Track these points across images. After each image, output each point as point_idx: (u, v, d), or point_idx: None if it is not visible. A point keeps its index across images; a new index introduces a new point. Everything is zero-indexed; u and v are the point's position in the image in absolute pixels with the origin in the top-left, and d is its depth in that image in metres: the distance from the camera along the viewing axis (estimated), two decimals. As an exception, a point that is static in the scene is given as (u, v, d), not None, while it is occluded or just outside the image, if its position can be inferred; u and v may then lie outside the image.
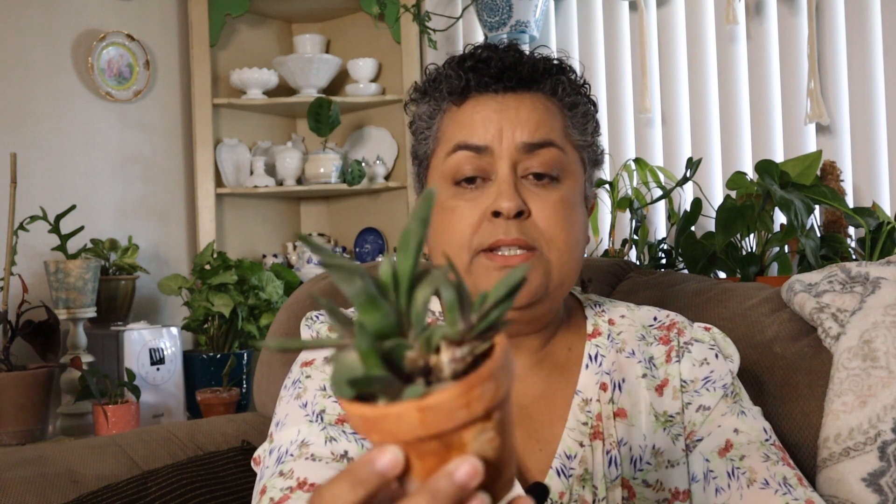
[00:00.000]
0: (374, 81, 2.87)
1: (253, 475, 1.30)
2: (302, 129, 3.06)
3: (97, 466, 1.31)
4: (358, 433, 0.43)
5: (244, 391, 2.41)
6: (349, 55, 2.91)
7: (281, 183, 2.83)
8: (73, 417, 2.22)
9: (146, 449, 1.38)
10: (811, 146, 2.07)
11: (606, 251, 2.18)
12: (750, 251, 1.83)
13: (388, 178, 2.88)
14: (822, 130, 2.06)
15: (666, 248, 2.11)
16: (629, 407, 0.91)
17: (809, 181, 1.75)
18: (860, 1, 2.00)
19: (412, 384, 0.42)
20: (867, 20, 1.99)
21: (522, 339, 0.91)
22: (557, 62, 0.93)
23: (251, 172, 2.81)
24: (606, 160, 1.10)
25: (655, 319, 0.98)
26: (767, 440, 0.89)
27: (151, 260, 2.66)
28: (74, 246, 2.36)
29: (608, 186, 2.13)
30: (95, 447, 1.37)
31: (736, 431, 0.89)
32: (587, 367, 0.92)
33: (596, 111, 0.96)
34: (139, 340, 2.28)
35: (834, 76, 2.04)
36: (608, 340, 0.94)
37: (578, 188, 0.91)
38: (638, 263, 2.05)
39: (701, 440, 0.90)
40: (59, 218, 2.20)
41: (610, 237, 2.19)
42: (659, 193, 2.09)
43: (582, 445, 0.88)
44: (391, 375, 0.42)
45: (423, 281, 0.44)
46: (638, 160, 2.12)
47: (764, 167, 1.72)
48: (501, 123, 0.87)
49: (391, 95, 2.83)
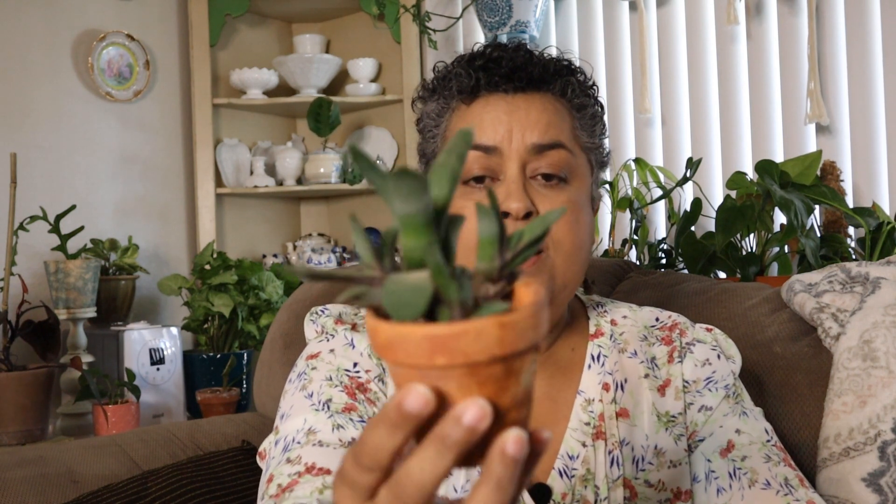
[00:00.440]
0: (374, 81, 2.87)
1: (253, 475, 1.30)
2: (302, 129, 3.06)
3: (97, 466, 1.31)
4: (403, 365, 0.40)
5: (244, 391, 2.41)
6: (349, 55, 2.91)
7: (281, 183, 2.83)
8: (73, 417, 2.22)
9: (146, 449, 1.38)
10: (811, 146, 2.07)
11: (606, 251, 2.18)
12: (750, 251, 1.83)
13: (388, 178, 2.88)
14: (822, 130, 2.06)
15: (666, 248, 2.11)
16: (631, 407, 0.91)
17: (809, 181, 1.75)
18: (860, 1, 2.00)
19: (480, 306, 0.41)
20: (867, 20, 1.99)
21: None
22: (567, 63, 0.93)
23: (251, 172, 2.81)
24: (607, 160, 1.10)
25: (657, 320, 0.98)
26: (769, 441, 0.89)
27: (151, 260, 2.66)
28: (74, 246, 2.36)
29: (608, 186, 2.13)
30: (95, 447, 1.37)
31: (738, 432, 0.89)
32: (590, 367, 0.92)
33: (603, 113, 0.96)
34: (139, 340, 2.28)
35: (834, 76, 2.04)
36: (610, 341, 0.94)
37: (585, 190, 0.91)
38: (638, 263, 2.05)
39: (703, 440, 0.90)
40: (59, 218, 2.20)
41: (610, 237, 2.19)
42: (659, 193, 2.09)
43: (584, 446, 0.88)
44: (469, 293, 0.40)
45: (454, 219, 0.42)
46: (638, 160, 2.12)
47: (764, 167, 1.72)
48: (511, 124, 0.87)
49: (391, 95, 2.83)
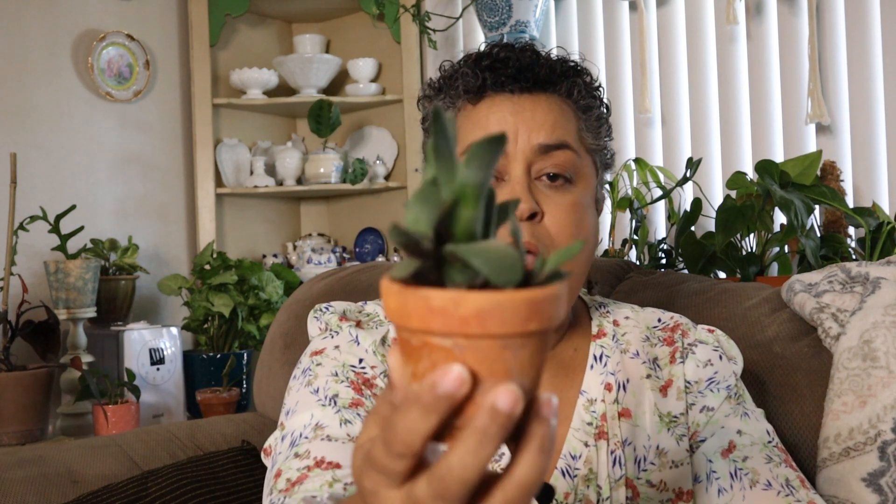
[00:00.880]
0: (373, 81, 2.87)
1: (253, 475, 1.30)
2: (302, 129, 3.06)
3: (97, 466, 1.31)
4: (483, 336, 0.39)
5: (244, 391, 2.41)
6: (349, 55, 2.91)
7: (281, 183, 2.83)
8: (72, 417, 2.22)
9: (146, 449, 1.38)
10: (811, 146, 2.07)
11: (606, 251, 2.18)
12: (750, 251, 1.83)
13: (388, 178, 2.88)
14: (822, 130, 2.06)
15: (666, 248, 2.11)
16: (633, 407, 0.91)
17: (809, 181, 1.74)
18: (860, 1, 2.00)
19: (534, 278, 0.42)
20: (867, 20, 1.99)
21: None
22: (574, 64, 0.93)
23: (251, 172, 2.81)
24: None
25: (660, 321, 0.98)
26: (770, 442, 0.89)
27: (151, 260, 2.66)
28: (74, 246, 2.36)
29: (608, 186, 2.13)
30: (95, 447, 1.37)
31: (739, 433, 0.89)
32: (592, 367, 0.92)
33: (609, 115, 0.95)
34: (139, 340, 2.28)
35: (834, 76, 2.04)
36: (613, 341, 0.94)
37: (590, 191, 0.91)
38: (638, 263, 2.05)
39: (704, 441, 0.91)
40: (59, 218, 2.20)
41: (610, 237, 2.19)
42: (659, 193, 2.09)
43: (587, 445, 0.88)
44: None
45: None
46: (638, 160, 2.12)
47: (764, 167, 1.72)
48: (517, 125, 0.87)
49: (391, 95, 2.83)
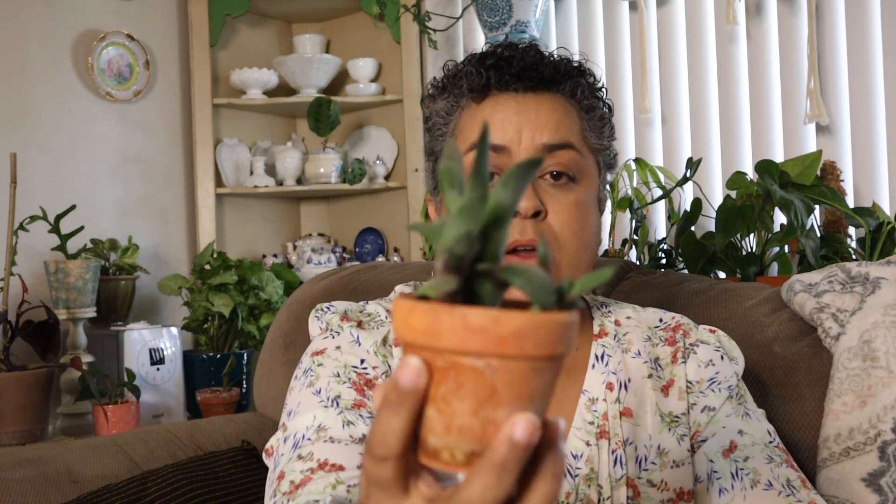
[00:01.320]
0: (374, 81, 2.87)
1: (253, 475, 1.30)
2: (302, 128, 3.06)
3: (97, 466, 1.31)
4: (516, 358, 0.40)
5: (244, 391, 2.41)
6: (349, 55, 2.91)
7: (281, 183, 2.83)
8: (72, 417, 2.22)
9: (146, 449, 1.38)
10: (811, 146, 2.07)
11: (606, 251, 2.18)
12: (750, 251, 1.83)
13: (388, 178, 2.88)
14: (821, 130, 2.06)
15: (666, 248, 2.11)
16: (635, 407, 0.91)
17: (809, 181, 1.74)
18: (860, 1, 2.00)
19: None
20: (867, 20, 1.99)
21: None
22: (577, 65, 0.93)
23: (251, 172, 2.81)
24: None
25: (661, 321, 0.98)
26: (771, 442, 0.89)
27: (151, 260, 2.66)
28: (74, 246, 2.36)
29: (608, 186, 2.13)
30: (95, 447, 1.37)
31: (740, 433, 0.89)
32: (593, 366, 0.93)
33: (611, 115, 0.96)
34: (139, 340, 2.28)
35: (834, 76, 2.04)
36: (614, 341, 0.94)
37: (593, 191, 0.92)
38: (638, 263, 2.05)
39: (705, 441, 0.91)
40: (58, 218, 2.20)
41: (610, 237, 2.19)
42: (659, 193, 2.09)
43: (588, 445, 0.88)
44: None
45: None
46: (638, 160, 2.12)
47: (764, 167, 1.72)
48: (521, 125, 0.87)
49: (391, 95, 2.83)
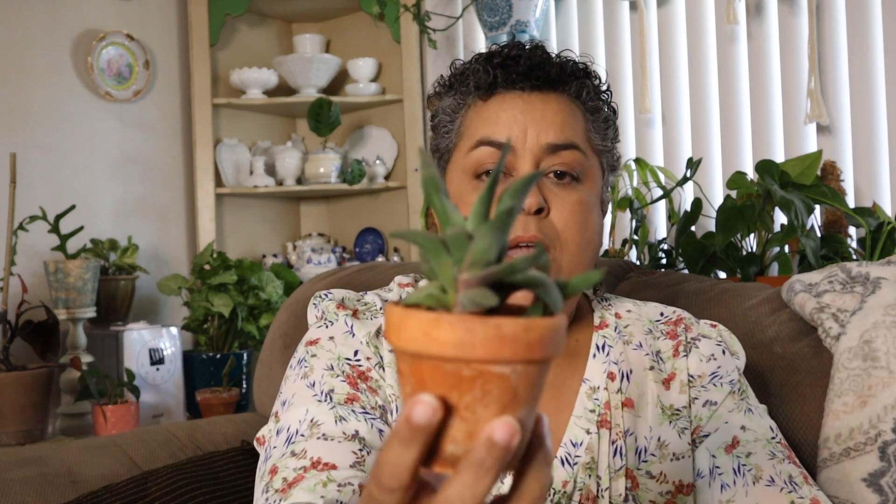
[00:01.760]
0: (373, 81, 2.87)
1: (254, 475, 1.30)
2: (302, 128, 3.06)
3: (97, 467, 1.31)
4: (517, 360, 0.42)
5: (244, 391, 2.41)
6: (349, 55, 2.91)
7: (281, 183, 2.83)
8: (72, 418, 2.22)
9: (146, 449, 1.38)
10: (811, 146, 2.07)
11: (607, 251, 2.18)
12: (750, 251, 1.83)
13: (387, 177, 2.88)
14: (822, 130, 2.06)
15: (666, 248, 2.11)
16: (636, 398, 0.91)
17: (810, 181, 1.74)
18: (861, 0, 2.00)
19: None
20: (868, 20, 1.99)
21: None
22: (583, 66, 0.94)
23: (251, 172, 2.81)
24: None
25: (662, 315, 0.99)
26: (773, 438, 0.90)
27: (151, 260, 2.66)
28: (74, 246, 2.35)
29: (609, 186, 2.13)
30: (95, 447, 1.37)
31: (743, 428, 0.90)
32: (595, 356, 0.93)
33: (616, 118, 0.97)
34: (139, 340, 2.28)
35: (834, 76, 2.04)
36: (615, 332, 0.95)
37: (596, 191, 0.92)
38: (638, 263, 2.05)
39: (707, 436, 0.91)
40: (58, 218, 2.20)
41: (610, 237, 2.19)
42: (659, 193, 2.08)
43: (588, 433, 0.88)
44: None
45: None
46: (638, 160, 2.12)
47: (764, 167, 1.72)
48: (526, 124, 0.88)
49: (391, 95, 2.83)
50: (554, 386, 0.92)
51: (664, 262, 2.07)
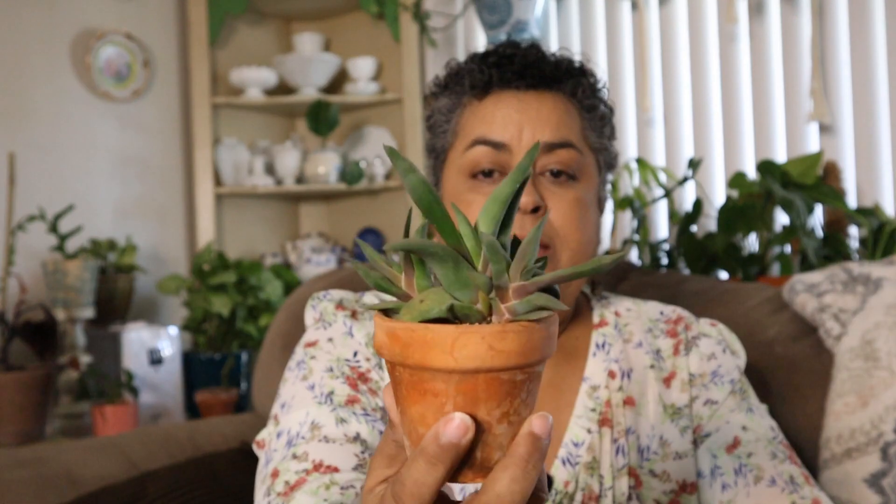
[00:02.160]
0: (373, 80, 2.86)
1: (253, 476, 1.30)
2: (301, 128, 3.05)
3: (96, 467, 1.30)
4: (538, 363, 0.43)
5: (243, 392, 2.41)
6: (348, 54, 2.90)
7: (280, 182, 2.82)
8: (71, 418, 2.21)
9: (145, 450, 1.38)
10: (813, 146, 2.06)
11: (607, 251, 2.17)
12: (751, 251, 1.83)
13: (387, 177, 2.88)
14: (824, 130, 2.06)
15: (667, 248, 2.10)
16: (637, 396, 0.91)
17: (811, 181, 1.74)
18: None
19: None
20: (870, 19, 1.99)
21: None
22: (579, 64, 0.94)
23: (250, 172, 2.80)
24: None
25: (662, 313, 0.99)
26: (775, 438, 0.90)
27: (150, 260, 2.65)
28: (73, 246, 2.35)
29: (609, 186, 2.12)
30: (94, 448, 1.36)
31: (744, 428, 0.89)
32: (595, 354, 0.93)
33: (612, 115, 0.97)
34: (138, 341, 2.28)
35: (836, 75, 2.03)
36: (615, 330, 0.95)
37: (593, 189, 0.93)
38: (639, 264, 2.04)
39: (708, 435, 0.91)
40: (57, 218, 2.20)
41: (611, 237, 2.19)
42: (660, 193, 2.08)
43: (589, 432, 0.88)
44: None
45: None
46: (639, 160, 2.12)
47: (765, 167, 1.72)
48: (522, 123, 0.88)
49: (391, 95, 2.82)
50: (554, 385, 0.91)
51: (665, 262, 2.07)
